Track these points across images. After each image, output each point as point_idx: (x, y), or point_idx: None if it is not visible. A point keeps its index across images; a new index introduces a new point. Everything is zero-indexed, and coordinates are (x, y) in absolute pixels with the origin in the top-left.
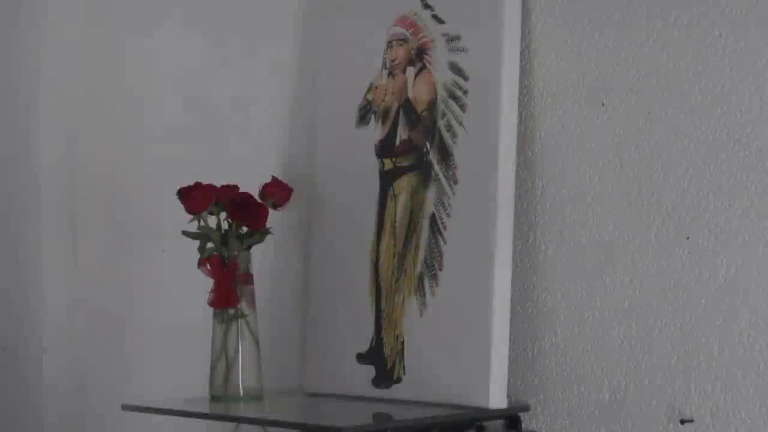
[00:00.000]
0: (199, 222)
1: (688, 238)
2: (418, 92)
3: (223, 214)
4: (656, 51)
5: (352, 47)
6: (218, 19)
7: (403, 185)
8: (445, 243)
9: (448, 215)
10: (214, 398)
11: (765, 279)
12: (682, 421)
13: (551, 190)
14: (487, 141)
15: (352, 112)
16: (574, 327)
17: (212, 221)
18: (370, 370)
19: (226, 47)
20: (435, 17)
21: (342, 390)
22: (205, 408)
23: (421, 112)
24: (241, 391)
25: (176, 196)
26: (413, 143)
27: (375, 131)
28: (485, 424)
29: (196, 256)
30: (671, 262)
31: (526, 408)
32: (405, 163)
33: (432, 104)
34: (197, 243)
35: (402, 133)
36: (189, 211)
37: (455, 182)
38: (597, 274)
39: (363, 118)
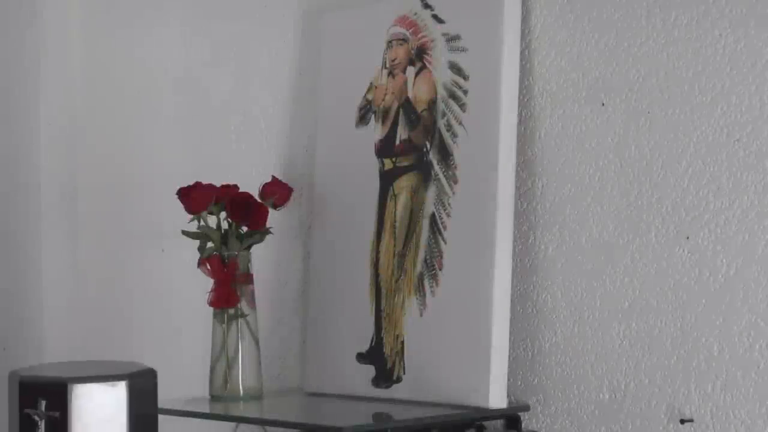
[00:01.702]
0: (199, 222)
1: (688, 237)
2: (418, 92)
3: (223, 214)
4: (656, 51)
5: (352, 47)
6: (218, 19)
7: (403, 185)
8: (445, 243)
9: (448, 215)
10: (214, 398)
11: (765, 279)
12: (682, 421)
13: (551, 189)
14: (487, 141)
15: (352, 111)
16: (574, 327)
17: (212, 221)
18: (370, 370)
19: (226, 47)
20: (435, 17)
21: (342, 390)
22: (205, 408)
23: (421, 111)
24: (241, 391)
25: (176, 196)
26: (413, 143)
27: (375, 131)
28: (485, 423)
29: (196, 256)
30: (671, 262)
31: (526, 408)
32: (405, 163)
33: (432, 104)
34: (197, 243)
35: (402, 133)
36: (189, 211)
37: (455, 182)
38: (597, 274)
39: (363, 118)
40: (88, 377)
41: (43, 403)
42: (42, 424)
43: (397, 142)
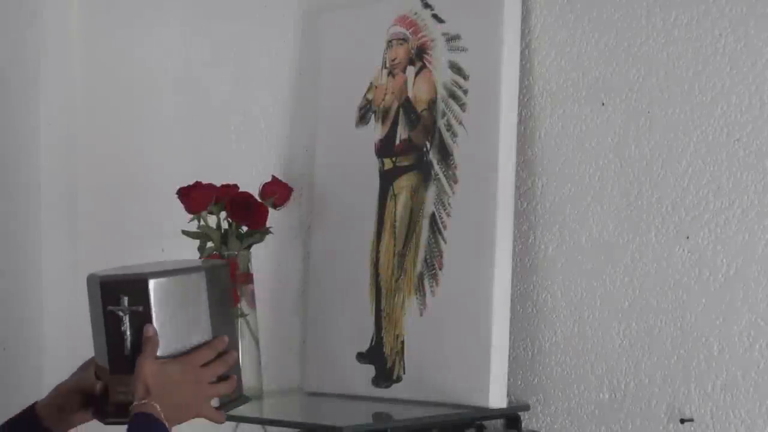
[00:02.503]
0: (199, 221)
1: (687, 237)
2: (418, 92)
3: (222, 214)
4: (656, 50)
5: (352, 47)
6: (218, 19)
7: (403, 185)
8: (445, 242)
9: (448, 215)
10: None
11: (765, 278)
12: (682, 421)
13: (551, 189)
14: (487, 141)
15: (352, 111)
16: (574, 326)
17: (212, 221)
18: (370, 370)
19: (226, 47)
20: (435, 16)
21: (342, 389)
22: None
23: (421, 111)
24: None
25: (176, 196)
26: (413, 143)
27: (375, 131)
28: (485, 423)
29: (196, 255)
30: (671, 262)
31: (526, 407)
32: (405, 163)
33: (432, 104)
34: (197, 243)
35: (402, 133)
36: (189, 210)
37: (455, 182)
38: (597, 274)
39: (363, 118)
40: (168, 271)
41: (126, 299)
42: (126, 319)
43: (397, 141)
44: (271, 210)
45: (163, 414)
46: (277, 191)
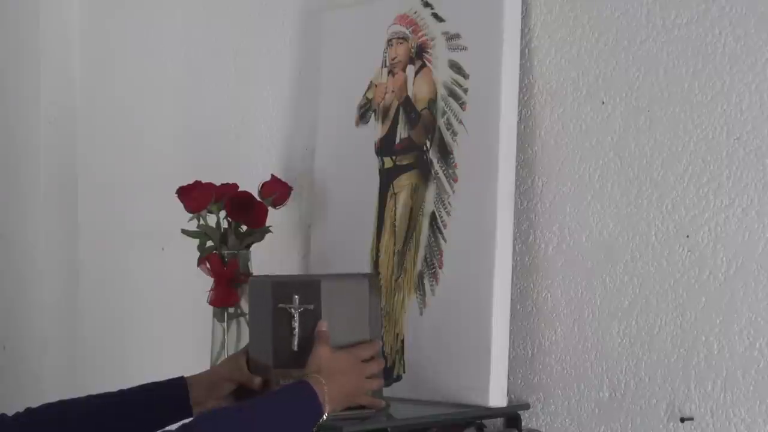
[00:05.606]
0: (198, 221)
1: (687, 236)
2: (418, 90)
3: (222, 213)
4: (656, 49)
5: (353, 46)
6: (218, 19)
7: (403, 183)
8: (445, 241)
9: (448, 213)
10: None
11: (765, 277)
12: (682, 419)
13: (551, 188)
14: (486, 139)
15: (352, 110)
16: (574, 325)
17: (212, 220)
18: None
19: (226, 46)
20: (435, 15)
21: None
22: None
23: (421, 110)
24: None
25: (176, 196)
26: (413, 141)
27: (375, 129)
28: (485, 422)
29: (196, 254)
30: (671, 261)
31: (526, 406)
32: (405, 162)
33: (432, 102)
34: (197, 242)
35: (402, 132)
36: (188, 209)
37: (455, 180)
38: (597, 273)
39: (363, 117)
40: (337, 275)
41: (297, 298)
42: (297, 316)
43: (397, 140)
44: (270, 209)
45: (329, 395)
46: (277, 190)
